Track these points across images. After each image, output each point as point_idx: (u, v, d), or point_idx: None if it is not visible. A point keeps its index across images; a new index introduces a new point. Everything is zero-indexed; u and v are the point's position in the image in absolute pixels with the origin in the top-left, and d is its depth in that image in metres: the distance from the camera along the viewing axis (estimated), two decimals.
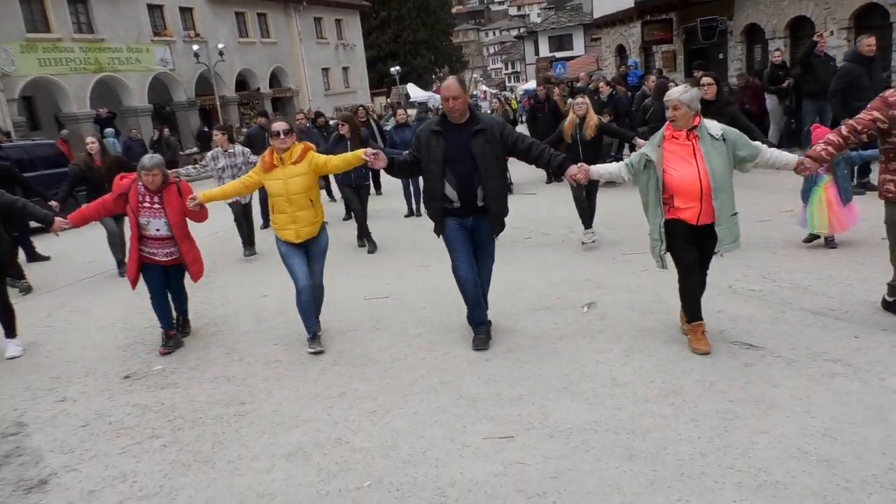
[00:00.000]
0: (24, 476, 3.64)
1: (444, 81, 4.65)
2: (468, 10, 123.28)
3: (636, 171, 4.34)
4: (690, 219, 4.18)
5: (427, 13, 47.15)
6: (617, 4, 23.41)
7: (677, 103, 4.10)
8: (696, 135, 4.13)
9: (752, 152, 4.20)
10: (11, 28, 19.98)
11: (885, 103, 4.16)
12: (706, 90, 6.61)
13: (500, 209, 4.70)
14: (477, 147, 4.50)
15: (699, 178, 4.07)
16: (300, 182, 4.84)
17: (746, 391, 3.79)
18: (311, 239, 5.03)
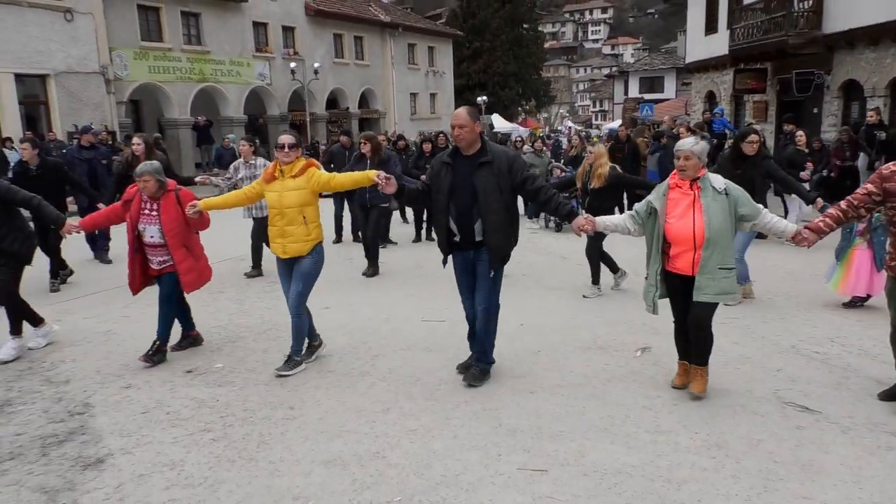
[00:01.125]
0: (84, 453, 3.89)
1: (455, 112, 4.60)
2: (562, 45, 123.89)
3: (643, 221, 4.41)
4: (685, 268, 4.25)
5: (520, 46, 47.59)
6: (711, 50, 23.09)
7: (689, 154, 4.16)
8: (700, 186, 4.21)
9: (752, 212, 4.25)
10: (128, 36, 21.41)
11: (881, 177, 4.12)
12: (753, 146, 6.41)
13: (501, 244, 4.54)
14: (479, 179, 4.42)
15: (694, 228, 4.15)
16: (295, 196, 4.84)
17: (794, 454, 3.68)
18: (299, 257, 4.97)
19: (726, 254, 4.19)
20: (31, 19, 18.43)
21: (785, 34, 16.98)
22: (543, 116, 64.82)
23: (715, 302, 4.28)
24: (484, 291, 4.65)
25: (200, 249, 5.55)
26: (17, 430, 4.20)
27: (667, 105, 34.48)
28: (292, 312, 5.04)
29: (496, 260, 4.57)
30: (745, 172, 6.28)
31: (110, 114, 20.74)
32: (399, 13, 38.69)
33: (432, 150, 11.16)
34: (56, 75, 19.17)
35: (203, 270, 5.51)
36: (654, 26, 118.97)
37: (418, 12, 47.55)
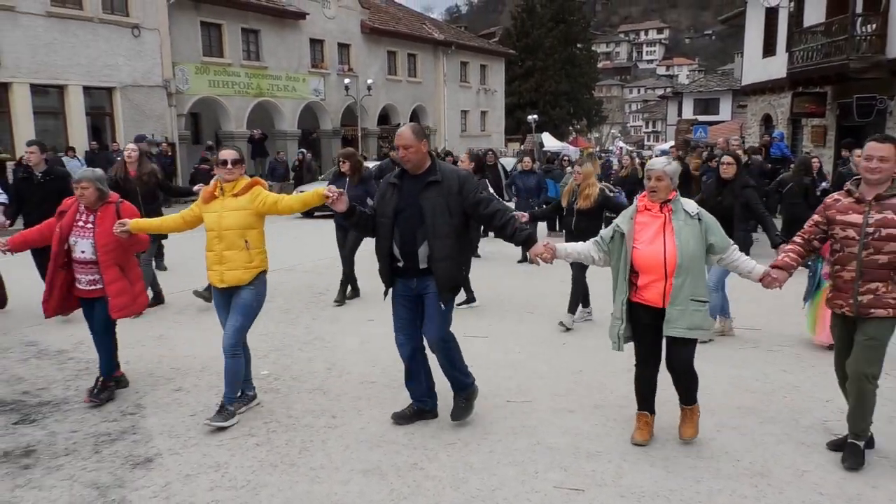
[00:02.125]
0: (134, 452, 4.03)
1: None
2: (615, 65, 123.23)
3: (608, 248, 4.05)
4: (654, 300, 3.87)
5: (572, 65, 47.54)
6: (769, 72, 22.70)
7: (661, 174, 3.86)
8: (671, 208, 3.90)
9: (722, 244, 3.93)
10: (191, 51, 22.17)
11: (825, 205, 3.94)
12: (725, 169, 6.22)
13: (449, 272, 4.09)
14: (427, 200, 4.04)
15: (664, 254, 3.81)
16: (236, 217, 4.35)
17: (841, 487, 3.58)
18: (238, 287, 4.43)
19: (699, 284, 3.85)
20: (101, 34, 19.26)
21: (846, 58, 16.59)
22: (595, 136, 64.42)
23: (690, 338, 3.90)
24: (435, 324, 4.18)
25: (137, 274, 4.99)
26: (72, 427, 4.38)
27: (722, 127, 33.91)
28: (227, 352, 4.41)
29: (445, 290, 4.12)
30: (724, 199, 6.08)
31: (171, 126, 21.46)
32: (453, 31, 39.11)
33: (481, 168, 11.23)
34: (122, 88, 19.95)
35: (137, 296, 4.91)
36: (710, 48, 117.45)
37: (472, 31, 48.02)
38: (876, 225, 3.65)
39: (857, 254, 3.71)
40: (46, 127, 18.51)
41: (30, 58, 17.63)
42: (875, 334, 3.74)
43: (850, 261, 3.75)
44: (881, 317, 3.71)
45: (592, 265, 4.30)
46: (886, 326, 3.76)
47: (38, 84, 18.00)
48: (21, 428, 4.36)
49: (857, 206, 3.74)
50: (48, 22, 17.93)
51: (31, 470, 3.80)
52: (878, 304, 3.70)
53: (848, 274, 3.77)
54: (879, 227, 3.64)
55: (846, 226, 3.76)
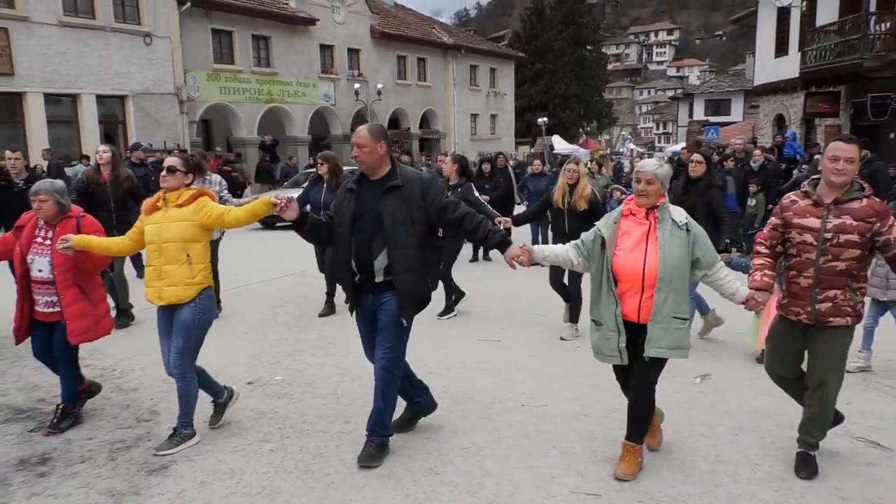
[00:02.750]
0: (149, 459, 4.03)
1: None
2: (625, 67, 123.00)
3: (589, 252, 3.75)
4: (630, 313, 3.58)
5: (582, 68, 47.46)
6: (781, 72, 22.56)
7: (652, 177, 3.56)
8: (657, 216, 3.59)
9: (709, 260, 3.62)
10: (202, 59, 22.31)
11: (781, 207, 3.76)
12: (694, 167, 6.07)
13: (413, 287, 3.77)
14: (386, 207, 3.72)
15: (644, 264, 3.51)
16: (178, 229, 4.04)
17: (862, 492, 3.53)
18: (177, 305, 4.10)
19: (682, 300, 3.54)
20: (113, 43, 19.42)
21: (860, 57, 16.46)
22: (605, 138, 64.26)
23: (666, 358, 3.62)
24: (387, 343, 3.83)
25: (101, 295, 4.62)
26: (87, 434, 4.39)
27: (734, 128, 33.73)
28: (175, 375, 4.15)
29: (408, 306, 3.79)
30: (689, 198, 5.94)
31: (182, 133, 21.59)
32: (462, 35, 39.15)
33: (491, 171, 11.21)
34: (134, 96, 20.10)
35: (101, 319, 4.52)
36: (721, 48, 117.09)
37: (481, 34, 48.01)
38: (834, 230, 3.50)
39: (814, 260, 3.56)
40: (60, 135, 18.69)
41: (43, 67, 17.81)
42: (836, 344, 3.63)
43: (807, 267, 3.59)
44: (840, 325, 3.58)
45: (571, 269, 4.05)
46: (846, 335, 3.64)
47: (51, 93, 18.18)
48: (37, 435, 4.38)
49: (816, 209, 3.57)
50: (61, 31, 18.11)
51: (47, 478, 3.81)
52: (836, 312, 3.56)
53: (805, 281, 3.61)
54: (838, 233, 3.49)
55: (803, 230, 3.59)
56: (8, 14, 17.03)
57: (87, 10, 18.84)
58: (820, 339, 3.64)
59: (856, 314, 3.59)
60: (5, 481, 3.77)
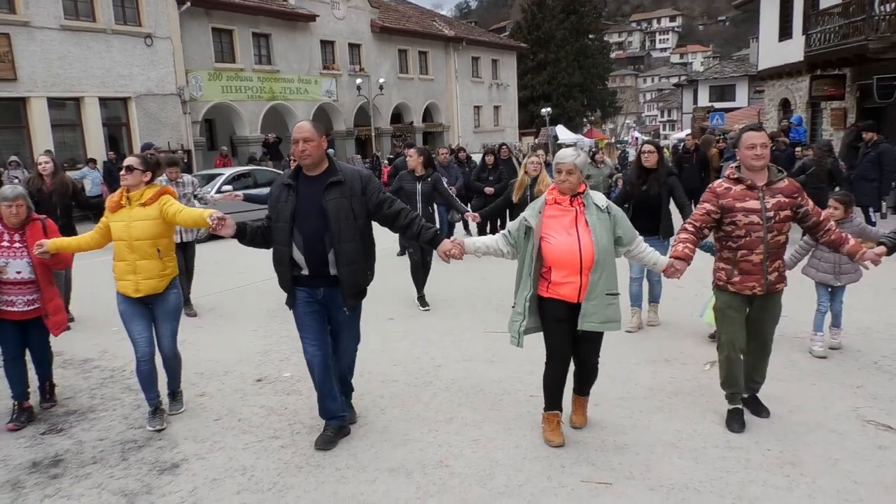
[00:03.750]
0: (161, 458, 4.05)
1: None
2: (628, 55, 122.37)
3: (516, 241, 3.94)
4: (570, 295, 3.78)
5: (585, 57, 47.22)
6: (785, 56, 22.40)
7: (572, 167, 3.76)
8: (582, 202, 3.81)
9: (629, 236, 3.90)
10: (203, 58, 22.32)
11: (715, 194, 4.05)
12: (647, 158, 6.15)
13: (355, 277, 3.93)
14: (330, 202, 3.82)
15: (579, 249, 3.72)
16: (145, 227, 4.28)
17: (876, 475, 3.51)
18: (155, 296, 4.40)
19: (612, 278, 3.80)
20: (114, 45, 19.43)
21: (865, 39, 16.32)
22: (609, 127, 64.04)
23: (602, 331, 3.87)
24: (350, 337, 4.19)
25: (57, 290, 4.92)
26: (99, 435, 4.41)
27: (739, 114, 33.56)
28: (168, 353, 4.61)
29: (350, 296, 3.96)
30: (649, 188, 6.07)
31: (186, 133, 21.62)
32: (463, 27, 39.02)
33: (495, 162, 11.19)
34: (136, 98, 20.12)
35: (63, 311, 4.92)
36: (724, 34, 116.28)
37: (482, 26, 47.92)
38: (774, 208, 3.91)
39: (763, 237, 3.93)
40: (65, 139, 18.74)
41: (45, 71, 17.84)
42: (778, 304, 4.19)
43: (758, 244, 3.95)
44: (782, 289, 4.14)
45: (502, 258, 4.17)
46: (781, 295, 4.20)
47: (54, 97, 18.20)
48: (49, 438, 4.40)
49: (752, 192, 3.93)
50: (62, 35, 18.13)
51: (59, 479, 3.83)
52: (780, 279, 4.09)
53: (757, 257, 3.97)
54: (778, 210, 3.92)
55: (748, 212, 3.92)
56: (9, 19, 17.05)
57: (88, 13, 18.85)
58: (767, 303, 4.12)
59: (784, 276, 4.16)
60: (19, 484, 3.79)
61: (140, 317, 4.45)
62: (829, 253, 5.32)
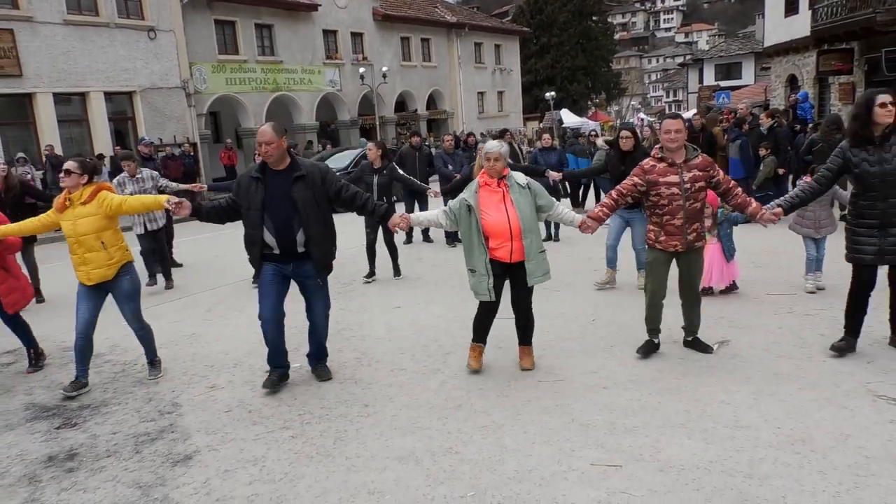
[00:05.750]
0: (173, 450, 4.08)
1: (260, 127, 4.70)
2: (632, 36, 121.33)
3: (457, 217, 4.76)
4: (504, 257, 4.66)
5: (588, 39, 46.88)
6: (792, 32, 22.18)
7: (498, 155, 4.62)
8: (507, 183, 4.66)
9: (548, 204, 4.78)
10: (206, 51, 22.30)
11: (643, 170, 4.86)
12: (624, 142, 6.96)
13: (324, 254, 4.73)
14: (298, 193, 4.52)
15: (509, 221, 4.59)
16: (88, 223, 4.83)
17: (887, 449, 3.50)
18: (109, 283, 5.01)
19: (539, 240, 4.75)
20: (118, 39, 19.44)
21: (873, 11, 16.13)
22: (614, 109, 63.62)
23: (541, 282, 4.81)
24: (322, 299, 4.92)
25: (18, 268, 5.64)
26: (112, 429, 4.45)
27: (745, 91, 33.28)
28: (135, 327, 5.25)
29: (321, 269, 4.77)
30: (627, 169, 6.16)
31: (191, 126, 21.65)
32: (465, 13, 38.79)
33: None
34: (141, 91, 20.16)
35: (25, 288, 5.61)
36: (729, 11, 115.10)
37: (485, 11, 47.59)
38: (691, 181, 4.74)
39: (682, 205, 4.76)
40: (71, 135, 18.81)
41: (50, 67, 17.88)
42: (700, 258, 5.08)
43: (678, 211, 4.78)
44: (701, 246, 4.99)
45: (440, 228, 5.01)
46: (702, 251, 5.09)
47: (60, 93, 18.25)
48: (64, 432, 4.45)
49: (672, 169, 4.77)
50: (66, 30, 18.15)
51: (75, 473, 3.87)
52: (698, 238, 4.91)
53: (678, 221, 4.80)
54: (694, 182, 4.74)
55: (670, 185, 4.77)
56: (12, 15, 17.07)
57: (91, 8, 18.84)
58: (689, 259, 4.97)
59: (703, 236, 4.97)
60: (35, 478, 3.83)
61: (87, 300, 5.01)
62: (810, 211, 6.38)
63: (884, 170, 4.43)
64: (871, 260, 4.64)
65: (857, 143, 4.54)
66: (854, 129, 4.57)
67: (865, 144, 4.50)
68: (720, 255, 6.53)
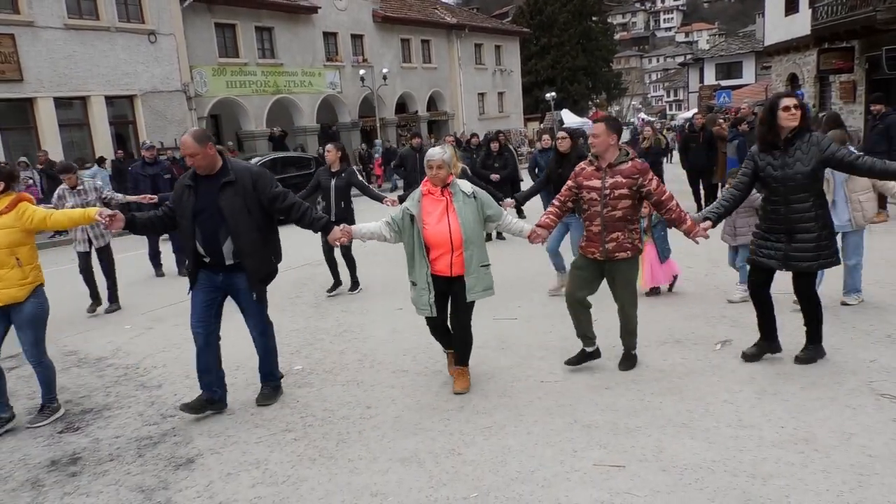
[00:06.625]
0: (176, 454, 4.08)
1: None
2: (633, 36, 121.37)
3: (400, 228, 4.50)
4: (444, 270, 4.43)
5: (589, 40, 46.86)
6: (792, 30, 22.16)
7: (441, 163, 4.37)
8: (451, 191, 4.44)
9: (496, 213, 4.56)
10: (207, 54, 22.32)
11: (575, 173, 4.75)
12: (560, 143, 6.84)
13: (257, 266, 4.39)
14: (224, 201, 4.24)
15: (450, 232, 4.37)
16: (2, 236, 4.38)
17: (890, 448, 3.50)
18: (13, 305, 4.46)
19: (483, 252, 4.49)
20: (118, 43, 19.46)
21: (873, 10, 16.09)
22: (615, 109, 63.61)
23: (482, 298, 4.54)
24: (253, 316, 4.58)
25: None
26: (115, 432, 4.45)
27: (746, 90, 33.24)
28: (32, 362, 4.64)
29: (255, 282, 4.43)
30: (564, 171, 6.25)
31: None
32: (465, 14, 38.80)
33: (500, 149, 11.18)
34: (142, 95, 20.18)
35: None
36: (730, 10, 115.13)
37: (485, 12, 47.60)
38: (610, 187, 4.51)
39: (599, 211, 4.57)
40: (73, 139, 18.83)
41: (51, 71, 17.90)
42: (626, 275, 4.70)
43: (596, 217, 4.59)
44: (624, 258, 4.60)
45: (384, 242, 4.68)
46: (632, 265, 4.73)
47: (61, 97, 18.27)
48: (66, 436, 4.45)
49: (597, 172, 4.60)
50: (67, 34, 18.18)
51: (78, 477, 3.87)
52: (620, 249, 4.58)
53: (596, 227, 4.60)
54: (613, 189, 4.51)
55: (590, 189, 4.60)
56: (13, 20, 17.09)
57: (91, 12, 18.87)
58: (613, 270, 4.67)
59: (634, 248, 4.63)
60: (38, 482, 3.84)
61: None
62: (730, 217, 5.93)
63: (786, 174, 4.34)
64: (776, 265, 4.56)
65: (764, 148, 4.46)
66: (761, 134, 4.49)
67: (772, 149, 4.42)
68: (656, 256, 6.61)
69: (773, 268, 4.61)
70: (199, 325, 4.47)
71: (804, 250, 4.42)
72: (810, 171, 4.31)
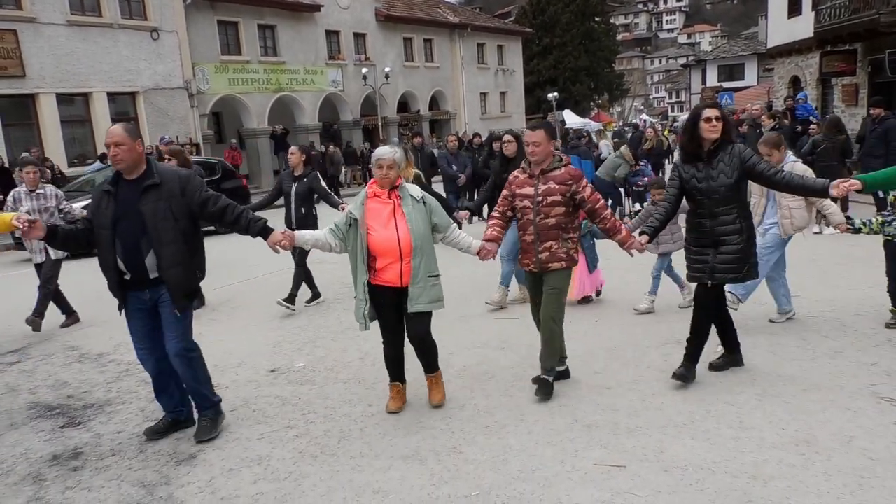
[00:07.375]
0: (178, 450, 4.09)
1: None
2: (635, 37, 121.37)
3: (344, 234, 4.18)
4: (393, 280, 4.12)
5: (591, 40, 46.86)
6: (795, 33, 22.16)
7: (392, 162, 4.07)
8: (399, 195, 4.13)
9: (444, 223, 4.25)
10: (209, 51, 22.33)
11: (510, 182, 4.54)
12: (506, 147, 6.57)
13: (181, 279, 3.90)
14: (146, 206, 3.78)
15: (398, 238, 4.06)
16: None
17: (891, 451, 3.50)
18: None
19: (432, 262, 4.16)
20: (121, 40, 19.49)
21: (876, 13, 16.10)
22: (617, 110, 63.60)
23: (428, 311, 4.21)
24: (174, 336, 3.99)
25: None
26: (117, 428, 4.46)
27: (748, 93, 33.29)
28: None
29: (179, 298, 3.93)
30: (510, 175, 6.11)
31: (194, 127, 21.67)
32: (468, 13, 38.81)
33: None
34: (144, 92, 20.20)
35: None
36: (732, 12, 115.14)
37: (487, 11, 47.60)
38: (543, 194, 4.30)
39: (532, 220, 4.35)
40: (74, 135, 18.85)
41: (54, 67, 17.92)
42: (556, 284, 4.38)
43: (529, 226, 4.38)
44: (557, 269, 4.34)
45: (330, 252, 4.32)
46: (563, 276, 4.41)
47: (63, 93, 18.29)
48: (68, 431, 4.46)
49: (530, 180, 4.39)
50: (69, 31, 18.20)
51: (79, 472, 3.88)
52: (553, 259, 4.33)
53: (529, 237, 4.39)
54: (546, 196, 4.29)
55: (523, 197, 4.39)
56: (16, 15, 17.12)
57: (94, 8, 18.90)
58: (545, 281, 4.41)
59: (569, 259, 4.38)
60: (40, 476, 3.84)
61: None
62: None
63: (710, 186, 4.26)
64: (704, 278, 4.42)
65: (688, 159, 4.38)
66: (683, 145, 4.42)
67: (695, 160, 4.33)
68: (584, 266, 6.46)
69: (703, 281, 4.44)
70: (144, 352, 4.09)
71: (728, 262, 4.33)
72: (734, 182, 4.23)
